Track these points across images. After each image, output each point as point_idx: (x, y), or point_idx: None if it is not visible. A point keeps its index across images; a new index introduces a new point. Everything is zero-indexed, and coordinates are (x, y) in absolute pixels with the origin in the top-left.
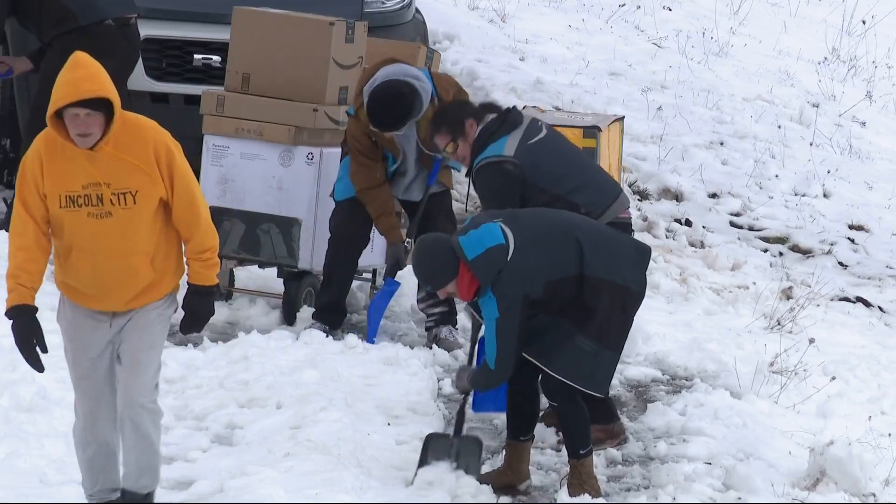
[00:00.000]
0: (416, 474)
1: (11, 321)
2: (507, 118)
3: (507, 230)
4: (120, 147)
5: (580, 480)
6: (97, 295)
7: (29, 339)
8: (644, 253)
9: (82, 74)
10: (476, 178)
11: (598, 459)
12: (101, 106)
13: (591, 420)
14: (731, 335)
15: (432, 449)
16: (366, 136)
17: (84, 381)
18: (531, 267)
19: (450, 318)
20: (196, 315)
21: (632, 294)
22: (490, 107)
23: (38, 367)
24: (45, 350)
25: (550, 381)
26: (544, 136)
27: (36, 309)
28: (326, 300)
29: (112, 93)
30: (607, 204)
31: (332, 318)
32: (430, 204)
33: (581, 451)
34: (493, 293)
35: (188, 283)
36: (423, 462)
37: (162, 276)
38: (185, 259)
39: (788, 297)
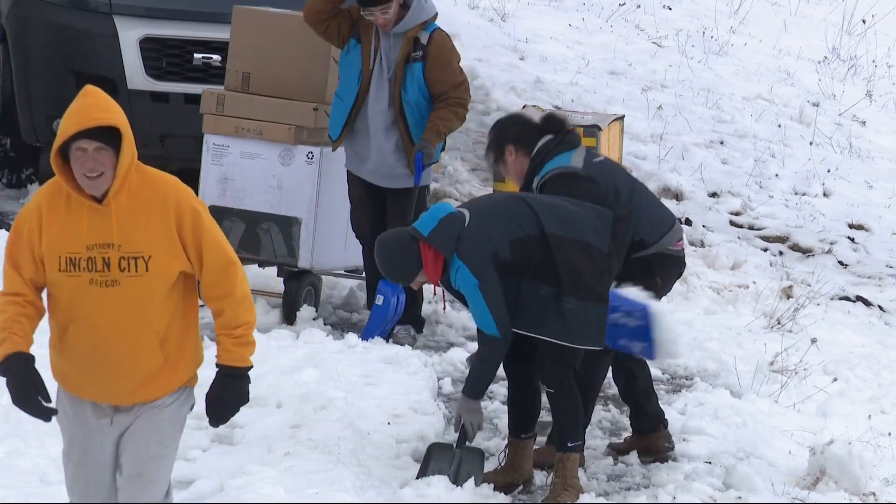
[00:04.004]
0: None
1: (6, 376)
2: (566, 139)
3: (461, 208)
4: (135, 202)
5: (563, 478)
6: (96, 382)
7: (28, 390)
8: (605, 216)
9: (90, 102)
10: (546, 190)
11: (600, 460)
12: (112, 141)
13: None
14: (731, 334)
15: (434, 458)
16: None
17: (88, 487)
18: (490, 227)
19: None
20: (224, 402)
21: (600, 251)
22: (550, 124)
23: (46, 416)
24: (48, 400)
25: (546, 368)
26: (604, 160)
27: (33, 357)
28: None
29: (121, 123)
30: (662, 232)
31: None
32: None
33: (569, 444)
34: (460, 260)
35: (217, 364)
36: (423, 472)
37: (175, 365)
38: (213, 337)
39: (788, 297)
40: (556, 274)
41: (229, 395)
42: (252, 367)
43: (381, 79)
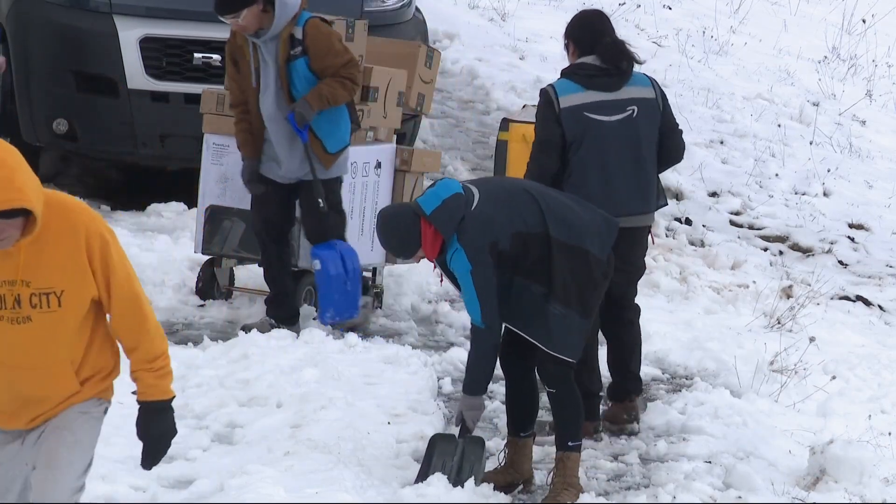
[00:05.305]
0: (418, 475)
1: None
2: (594, 76)
3: (470, 185)
4: (43, 238)
5: (563, 477)
6: (11, 412)
7: None
8: (612, 225)
9: None
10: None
11: (600, 460)
12: (19, 210)
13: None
14: (731, 334)
15: (438, 450)
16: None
17: None
18: (495, 216)
19: None
20: (155, 439)
21: (598, 260)
22: (605, 55)
23: None
24: None
25: (547, 367)
26: (609, 122)
27: None
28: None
29: (33, 200)
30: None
31: None
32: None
33: (570, 444)
34: (459, 243)
35: (139, 401)
36: (427, 462)
37: (86, 386)
38: (129, 369)
39: (788, 296)
40: (550, 275)
41: (158, 430)
42: (175, 396)
43: (267, 87)
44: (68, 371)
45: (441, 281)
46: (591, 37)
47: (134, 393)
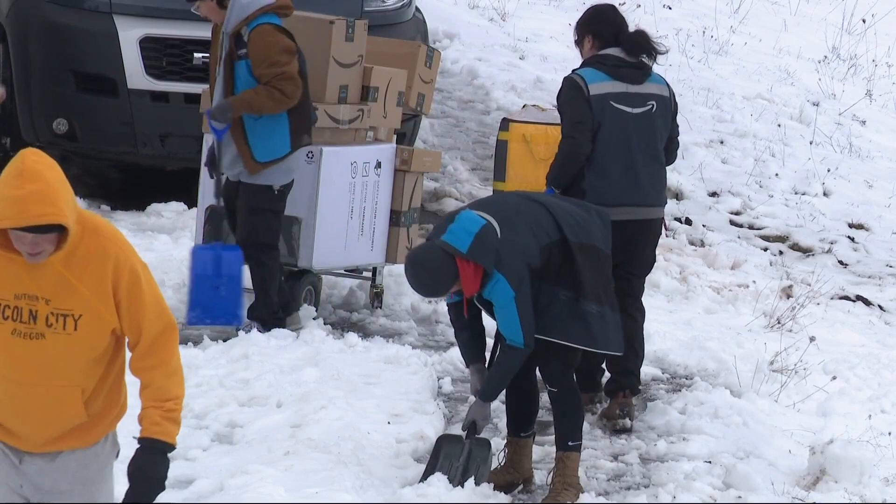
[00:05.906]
0: (422, 475)
1: None
2: (620, 65)
3: (483, 213)
4: (72, 260)
5: (563, 477)
6: (10, 428)
7: None
8: (606, 219)
9: (30, 191)
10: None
11: (600, 460)
12: (54, 226)
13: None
14: (731, 334)
15: (444, 451)
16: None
17: None
18: (522, 237)
19: None
20: (148, 479)
21: (606, 255)
22: (629, 45)
23: None
24: None
25: (550, 367)
26: (632, 113)
27: None
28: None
29: (68, 216)
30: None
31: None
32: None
33: (570, 443)
34: (499, 273)
35: (139, 437)
36: (433, 463)
37: (97, 422)
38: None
39: (788, 296)
40: (573, 278)
41: (148, 472)
42: (176, 446)
43: (218, 80)
44: (77, 398)
45: (465, 313)
46: (611, 29)
47: (136, 438)
